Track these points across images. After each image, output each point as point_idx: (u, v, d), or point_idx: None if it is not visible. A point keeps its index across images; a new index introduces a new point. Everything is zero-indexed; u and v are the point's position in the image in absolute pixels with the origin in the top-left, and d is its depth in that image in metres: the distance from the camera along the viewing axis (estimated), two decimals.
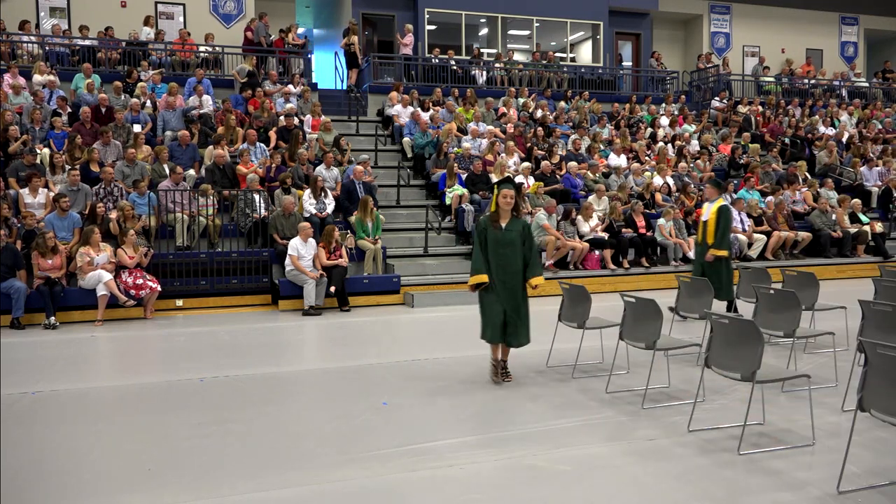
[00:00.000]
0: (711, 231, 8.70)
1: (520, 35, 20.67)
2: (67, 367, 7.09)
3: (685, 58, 22.96)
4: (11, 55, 14.60)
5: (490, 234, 5.82)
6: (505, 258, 5.78)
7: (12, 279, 9.00)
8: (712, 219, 8.70)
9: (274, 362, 7.18)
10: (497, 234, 5.80)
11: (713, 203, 8.85)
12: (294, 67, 16.70)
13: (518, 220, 5.92)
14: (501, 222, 5.84)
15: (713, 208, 8.77)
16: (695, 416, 4.82)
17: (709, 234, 8.74)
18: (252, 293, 10.65)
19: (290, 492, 3.86)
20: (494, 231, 5.81)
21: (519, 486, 3.92)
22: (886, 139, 18.61)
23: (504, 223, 5.84)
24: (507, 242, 5.79)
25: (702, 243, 8.88)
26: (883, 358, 3.64)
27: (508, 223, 5.85)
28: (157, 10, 16.95)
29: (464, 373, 6.47)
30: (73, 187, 10.47)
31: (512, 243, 5.79)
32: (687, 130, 17.15)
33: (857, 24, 23.84)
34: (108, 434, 4.92)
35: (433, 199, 13.34)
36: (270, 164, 12.19)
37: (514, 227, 5.85)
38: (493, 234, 5.81)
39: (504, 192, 5.81)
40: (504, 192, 5.81)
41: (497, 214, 5.87)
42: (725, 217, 8.71)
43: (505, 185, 5.87)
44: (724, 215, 8.69)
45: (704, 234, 8.84)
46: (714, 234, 8.64)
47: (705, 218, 8.85)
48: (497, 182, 5.99)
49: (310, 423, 5.11)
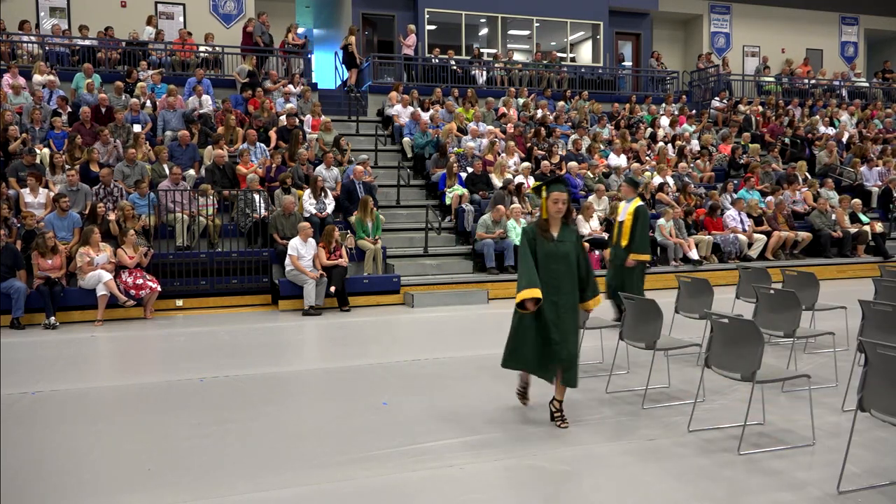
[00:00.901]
0: (627, 233, 8.10)
1: (520, 35, 20.66)
2: (67, 367, 7.09)
3: (685, 58, 22.96)
4: (11, 55, 14.60)
5: (540, 245, 4.81)
6: (557, 275, 4.78)
7: (12, 279, 9.00)
8: (628, 220, 8.10)
9: (274, 362, 7.18)
10: (548, 246, 4.80)
11: (629, 203, 8.24)
12: (294, 67, 16.70)
13: (570, 229, 4.93)
14: (552, 231, 4.85)
15: (630, 209, 8.16)
16: (695, 416, 4.82)
17: (624, 236, 8.13)
18: (252, 293, 10.65)
19: (289, 492, 3.86)
20: (545, 242, 4.81)
21: (519, 486, 3.92)
22: (886, 139, 18.61)
23: (555, 232, 4.85)
24: (561, 256, 4.81)
25: (616, 245, 8.28)
26: (883, 358, 3.64)
27: (560, 232, 4.86)
28: (157, 10, 16.95)
29: (464, 373, 6.47)
30: (72, 187, 10.47)
31: (566, 257, 4.81)
32: (687, 130, 17.15)
33: (857, 24, 23.84)
34: (108, 434, 4.92)
35: (433, 199, 13.34)
36: (270, 164, 12.19)
37: (567, 237, 4.86)
38: (544, 246, 4.80)
39: (555, 196, 4.80)
40: (555, 195, 4.80)
41: (546, 222, 4.86)
42: (643, 218, 8.13)
43: (555, 187, 4.84)
44: (641, 216, 8.10)
45: (619, 236, 8.22)
46: (631, 236, 8.05)
47: (621, 219, 8.26)
48: (546, 182, 4.94)
49: (310, 423, 5.11)
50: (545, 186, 4.90)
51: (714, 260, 13.10)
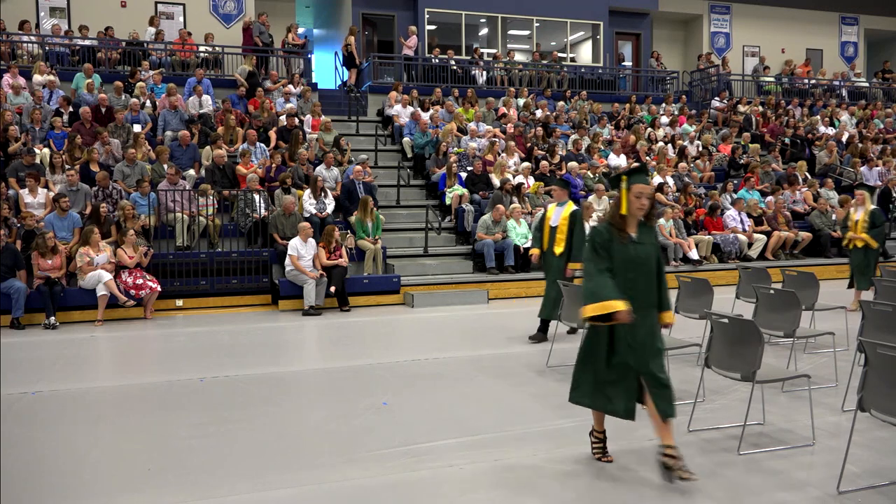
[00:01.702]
0: (563, 238, 7.53)
1: (520, 35, 20.66)
2: (67, 367, 7.09)
3: (685, 58, 22.96)
4: (11, 55, 14.60)
5: (616, 248, 4.00)
6: (636, 284, 3.98)
7: (12, 279, 9.00)
8: (563, 225, 7.54)
9: (274, 362, 7.18)
10: (626, 250, 4.00)
11: (562, 206, 7.67)
12: (294, 67, 16.70)
13: (650, 229, 4.13)
14: (630, 231, 4.03)
15: (564, 213, 7.61)
16: (695, 416, 4.83)
17: (558, 243, 7.56)
18: (252, 293, 10.65)
19: (290, 492, 3.86)
20: (622, 244, 4.00)
21: (519, 486, 3.92)
22: (886, 139, 18.61)
23: (633, 233, 4.04)
24: (641, 261, 4.01)
25: (548, 253, 7.70)
26: (883, 358, 3.64)
27: (639, 233, 4.06)
28: (157, 10, 16.94)
29: (464, 373, 6.47)
30: (72, 187, 10.47)
31: (646, 262, 4.03)
32: (687, 130, 17.15)
33: (857, 24, 23.84)
34: (108, 434, 4.92)
35: (433, 199, 13.34)
36: (270, 164, 12.19)
37: (647, 238, 4.08)
38: (621, 249, 4.00)
39: (638, 189, 3.99)
40: (638, 187, 3.99)
41: (624, 220, 4.03)
42: (581, 222, 7.62)
43: (639, 178, 4.04)
44: (578, 220, 7.59)
45: (552, 242, 7.62)
46: (567, 241, 7.52)
47: (554, 223, 7.62)
48: (627, 171, 4.12)
49: (310, 423, 5.11)
50: (626, 177, 4.06)
51: (714, 260, 13.10)
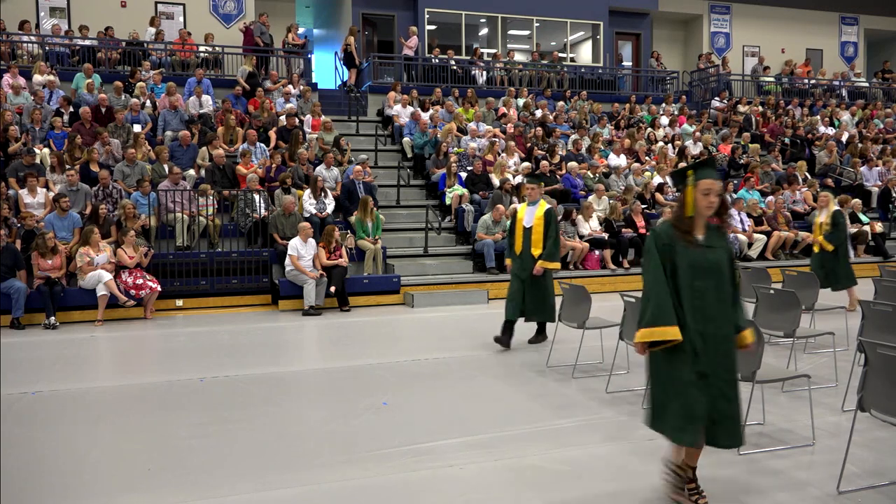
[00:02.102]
0: (540, 239, 7.19)
1: (520, 35, 20.66)
2: (67, 367, 7.09)
3: (685, 58, 22.96)
4: (11, 55, 14.60)
5: (681, 253, 3.49)
6: (704, 295, 3.46)
7: (12, 279, 8.99)
8: (539, 225, 7.20)
9: (274, 362, 7.18)
10: (693, 255, 3.48)
11: (535, 205, 7.31)
12: (294, 67, 16.70)
13: (719, 231, 3.59)
14: (697, 234, 3.52)
15: (538, 212, 7.24)
16: None
17: (536, 244, 7.21)
18: (252, 293, 10.65)
19: (290, 492, 3.86)
20: (689, 249, 3.49)
21: (519, 486, 3.92)
22: (886, 139, 18.61)
23: (701, 235, 3.52)
24: (711, 269, 3.48)
25: (522, 255, 7.30)
26: (883, 358, 3.64)
27: (707, 236, 3.54)
28: (157, 10, 16.94)
29: (464, 373, 6.47)
30: (72, 187, 10.47)
31: (717, 270, 3.49)
32: (687, 130, 17.15)
33: (857, 24, 23.84)
34: (108, 434, 4.92)
35: (433, 199, 13.34)
36: (270, 164, 12.19)
37: (717, 241, 3.54)
38: (688, 255, 3.48)
39: (706, 185, 3.48)
40: (706, 183, 3.49)
41: (690, 221, 3.52)
42: (555, 221, 7.37)
43: (706, 172, 3.53)
44: (553, 219, 7.30)
45: (528, 244, 7.25)
46: (544, 242, 7.20)
47: (528, 224, 7.26)
48: (692, 165, 3.62)
49: (310, 423, 5.11)
50: (691, 172, 3.55)
51: None
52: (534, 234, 7.21)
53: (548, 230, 7.19)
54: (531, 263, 7.21)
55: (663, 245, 3.53)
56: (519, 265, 7.33)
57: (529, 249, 7.23)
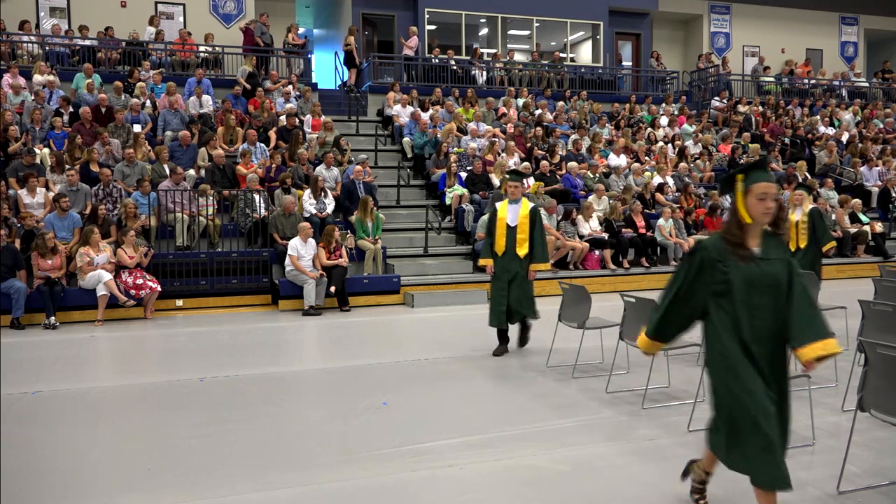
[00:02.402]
0: (525, 239, 6.87)
1: (520, 35, 20.66)
2: (67, 367, 7.09)
3: (685, 58, 22.96)
4: (11, 55, 14.60)
5: (734, 269, 3.11)
6: (763, 314, 3.11)
7: (12, 279, 9.00)
8: (524, 224, 6.87)
9: (274, 362, 7.18)
10: (749, 270, 3.11)
11: (517, 204, 6.97)
12: (294, 67, 16.70)
13: (777, 241, 3.20)
14: (751, 245, 3.15)
15: (522, 211, 6.90)
16: (695, 416, 4.82)
17: (521, 243, 6.87)
18: (252, 293, 10.65)
19: (290, 492, 3.86)
20: (742, 263, 3.11)
21: (519, 486, 3.92)
22: (886, 139, 18.61)
23: (756, 247, 3.15)
24: (770, 283, 3.11)
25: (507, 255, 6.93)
26: (883, 358, 3.64)
27: (764, 246, 3.16)
28: (157, 10, 16.94)
29: (464, 373, 6.47)
30: (72, 187, 10.47)
31: (776, 285, 3.12)
32: (687, 130, 17.15)
33: (857, 24, 23.84)
34: (108, 434, 4.92)
35: (433, 199, 13.34)
36: (270, 164, 12.19)
37: (774, 252, 3.16)
38: (742, 271, 3.11)
39: (762, 188, 3.10)
40: (762, 186, 3.10)
41: (743, 231, 3.14)
42: (541, 220, 7.07)
43: (761, 175, 3.12)
44: (539, 219, 6.99)
45: (513, 243, 6.89)
46: (530, 242, 6.89)
47: (513, 223, 6.90)
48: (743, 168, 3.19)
49: (310, 423, 5.10)
50: (741, 175, 3.15)
51: None
52: (519, 234, 6.87)
53: (534, 230, 6.90)
54: (516, 264, 6.90)
55: (710, 259, 3.17)
56: (501, 266, 6.95)
57: (514, 249, 6.89)
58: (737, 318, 3.13)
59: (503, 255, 6.94)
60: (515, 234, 6.88)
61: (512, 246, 6.90)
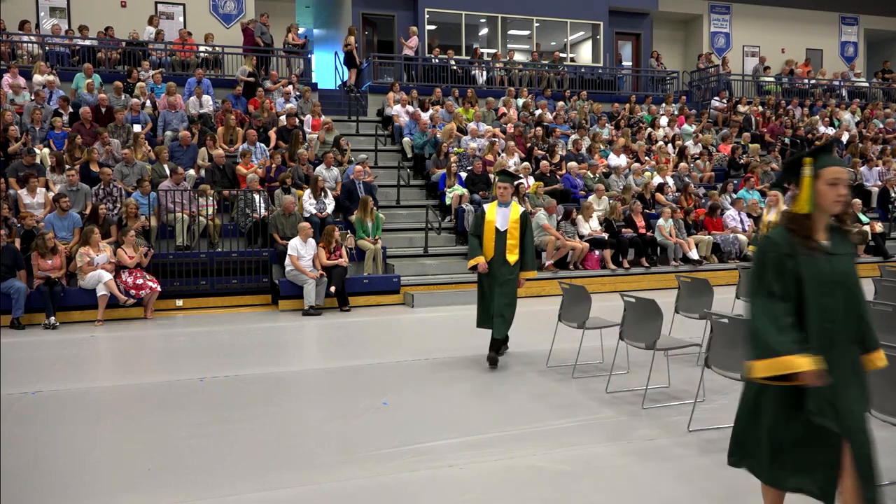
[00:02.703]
0: (515, 244, 6.55)
1: (520, 35, 20.66)
2: (67, 367, 7.09)
3: (685, 58, 22.96)
4: (11, 55, 14.60)
5: (805, 264, 2.80)
6: (833, 315, 2.81)
7: (12, 279, 9.00)
8: (514, 229, 6.55)
9: (274, 362, 7.18)
10: (818, 265, 2.81)
11: (506, 207, 6.64)
12: (294, 67, 16.70)
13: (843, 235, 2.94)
14: (820, 238, 2.86)
15: (512, 215, 6.59)
16: (695, 416, 4.82)
17: (511, 249, 6.53)
18: (252, 293, 10.65)
19: (290, 492, 3.86)
20: (812, 257, 2.81)
21: (519, 486, 3.92)
22: (886, 139, 18.62)
23: (824, 239, 2.87)
24: (840, 282, 2.83)
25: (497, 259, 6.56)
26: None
27: (832, 240, 2.89)
28: (157, 10, 16.94)
29: (464, 373, 6.47)
30: (72, 187, 10.47)
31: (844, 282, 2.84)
32: (687, 130, 17.15)
33: (857, 24, 23.84)
34: (108, 434, 4.92)
35: (433, 199, 13.35)
36: (270, 164, 12.19)
37: (842, 246, 2.90)
38: (811, 265, 2.81)
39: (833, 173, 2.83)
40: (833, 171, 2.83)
41: (810, 223, 2.85)
42: (531, 225, 6.83)
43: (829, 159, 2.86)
44: (529, 223, 6.74)
45: (503, 249, 6.54)
46: (521, 249, 6.58)
47: (503, 227, 6.56)
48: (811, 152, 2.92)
49: (310, 423, 5.11)
50: (810, 159, 2.87)
51: (714, 260, 13.11)
52: (509, 239, 6.53)
53: (524, 235, 6.59)
54: (505, 269, 6.54)
55: (779, 256, 2.81)
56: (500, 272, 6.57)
57: (503, 255, 6.53)
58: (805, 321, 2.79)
59: (492, 259, 6.58)
60: (505, 238, 6.54)
61: (501, 251, 6.55)
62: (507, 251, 6.53)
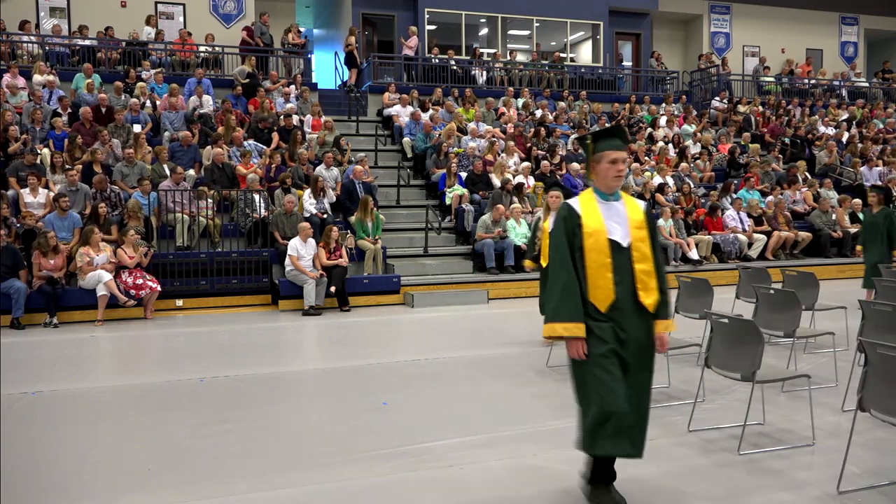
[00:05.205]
0: (650, 271, 5.08)
1: (520, 35, 20.67)
2: (67, 367, 7.09)
3: (685, 58, 22.96)
4: (11, 55, 14.60)
5: None
6: None
7: (12, 279, 8.99)
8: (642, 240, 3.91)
9: (274, 362, 7.18)
10: None
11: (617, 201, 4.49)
12: (294, 67, 16.69)
13: None
14: None
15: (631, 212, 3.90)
16: (695, 416, 4.82)
17: (643, 281, 3.61)
18: (252, 293, 10.65)
19: (290, 492, 3.86)
20: None
21: (519, 486, 3.92)
22: (886, 139, 18.62)
23: None
24: None
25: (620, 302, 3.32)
26: (883, 358, 3.64)
27: None
28: (157, 10, 16.95)
29: (464, 373, 6.47)
30: (72, 187, 10.47)
31: None
32: (687, 131, 17.15)
33: (857, 24, 23.84)
34: (108, 434, 4.92)
35: (433, 199, 13.34)
36: (270, 164, 12.19)
37: None
38: None
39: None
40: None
41: None
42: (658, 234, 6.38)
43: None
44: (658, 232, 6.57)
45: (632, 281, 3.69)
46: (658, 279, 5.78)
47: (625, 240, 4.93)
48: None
49: (310, 423, 5.10)
50: None
51: (714, 260, 13.11)
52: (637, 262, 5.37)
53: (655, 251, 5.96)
54: (640, 322, 5.63)
55: None
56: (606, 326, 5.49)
57: (634, 294, 5.25)
58: None
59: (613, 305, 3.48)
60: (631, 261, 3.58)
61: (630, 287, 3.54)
62: (639, 285, 3.54)
